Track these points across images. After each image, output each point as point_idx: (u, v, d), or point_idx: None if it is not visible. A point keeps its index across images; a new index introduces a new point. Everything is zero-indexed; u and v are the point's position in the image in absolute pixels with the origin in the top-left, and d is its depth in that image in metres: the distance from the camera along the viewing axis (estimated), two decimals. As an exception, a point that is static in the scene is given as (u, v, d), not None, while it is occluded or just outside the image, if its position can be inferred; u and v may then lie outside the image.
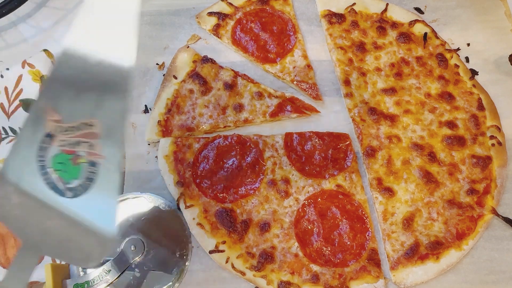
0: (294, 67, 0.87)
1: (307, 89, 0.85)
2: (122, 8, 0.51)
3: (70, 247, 0.47)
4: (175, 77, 0.86)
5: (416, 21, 0.89)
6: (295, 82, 0.86)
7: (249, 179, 0.79)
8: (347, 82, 0.85)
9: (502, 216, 0.75)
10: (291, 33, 0.89)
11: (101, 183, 0.45)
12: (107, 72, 0.48)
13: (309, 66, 0.87)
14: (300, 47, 0.88)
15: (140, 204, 0.73)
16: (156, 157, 0.82)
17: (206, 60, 0.87)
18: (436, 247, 0.72)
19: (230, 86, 0.85)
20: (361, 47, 0.87)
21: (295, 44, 0.89)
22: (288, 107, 0.83)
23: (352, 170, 0.79)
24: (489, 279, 0.72)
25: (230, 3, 0.92)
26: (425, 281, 0.72)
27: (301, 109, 0.84)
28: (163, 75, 0.88)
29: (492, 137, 0.79)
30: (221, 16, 0.90)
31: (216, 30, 0.90)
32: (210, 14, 0.91)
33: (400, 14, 0.90)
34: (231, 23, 0.90)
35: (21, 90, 0.89)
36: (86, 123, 0.47)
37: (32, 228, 0.46)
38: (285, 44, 0.89)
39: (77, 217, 0.45)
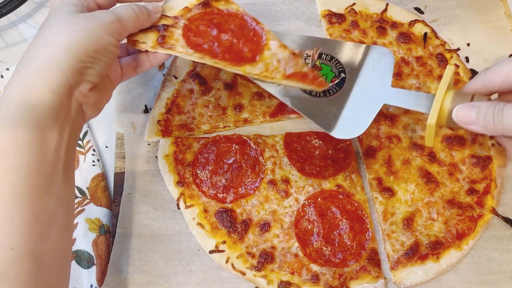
0: (278, 60, 0.72)
1: (308, 78, 0.71)
2: None
3: None
4: (175, 77, 0.86)
5: (416, 21, 0.89)
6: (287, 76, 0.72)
7: (249, 179, 0.79)
8: (347, 82, 0.85)
9: (502, 216, 0.75)
10: (255, 25, 0.73)
11: None
12: None
13: (294, 54, 0.71)
14: (273, 37, 0.72)
15: None
16: (156, 157, 0.82)
17: (206, 60, 0.87)
18: (436, 247, 0.72)
19: (230, 86, 0.85)
20: (361, 47, 0.87)
21: (266, 36, 0.72)
22: (288, 108, 0.83)
23: (352, 170, 0.79)
24: (489, 279, 0.72)
25: (165, 15, 0.71)
26: (425, 281, 0.72)
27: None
28: (163, 75, 0.88)
29: (492, 137, 0.79)
30: (161, 27, 0.70)
31: (163, 42, 0.69)
32: (146, 29, 0.69)
33: (400, 14, 0.90)
34: (178, 31, 0.70)
35: (21, 90, 0.89)
36: None
37: None
38: (254, 38, 0.72)
39: None
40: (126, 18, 0.63)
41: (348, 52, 0.75)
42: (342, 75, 0.74)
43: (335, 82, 0.73)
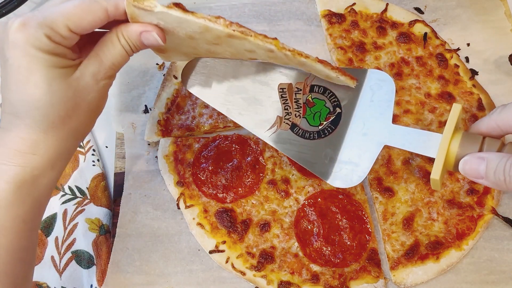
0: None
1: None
2: None
3: None
4: (175, 77, 0.86)
5: (416, 21, 0.89)
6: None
7: (249, 179, 0.79)
8: (347, 82, 0.85)
9: (502, 216, 0.75)
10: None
11: None
12: None
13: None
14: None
15: None
16: (156, 157, 0.82)
17: (206, 60, 0.87)
18: (436, 247, 0.72)
19: (230, 86, 0.85)
20: (361, 47, 0.87)
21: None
22: (288, 107, 0.83)
23: (352, 170, 0.79)
24: (489, 279, 0.72)
25: None
26: (425, 281, 0.72)
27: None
28: (163, 75, 0.88)
29: (492, 137, 0.79)
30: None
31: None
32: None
33: (400, 14, 0.90)
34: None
35: (21, 90, 0.89)
36: None
37: None
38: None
39: None
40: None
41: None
42: (338, 110, 0.65)
43: (330, 120, 0.65)
